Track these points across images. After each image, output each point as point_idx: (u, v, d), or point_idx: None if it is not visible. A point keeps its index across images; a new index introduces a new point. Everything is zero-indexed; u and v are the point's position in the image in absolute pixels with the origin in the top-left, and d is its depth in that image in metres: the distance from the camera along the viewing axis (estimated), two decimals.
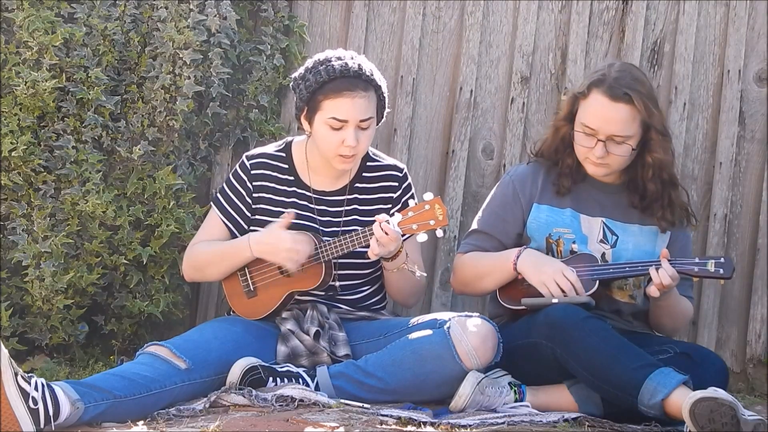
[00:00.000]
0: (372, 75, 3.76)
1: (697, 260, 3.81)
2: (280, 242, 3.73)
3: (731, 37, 4.69)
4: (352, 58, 3.76)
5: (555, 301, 3.76)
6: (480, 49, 4.61)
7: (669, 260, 3.79)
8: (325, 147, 3.76)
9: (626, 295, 3.96)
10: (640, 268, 3.83)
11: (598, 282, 3.82)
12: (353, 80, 3.72)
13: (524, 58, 4.62)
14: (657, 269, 3.77)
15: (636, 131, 3.85)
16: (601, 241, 3.95)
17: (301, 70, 3.81)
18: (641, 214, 3.97)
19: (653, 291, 3.78)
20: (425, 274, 3.86)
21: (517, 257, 3.86)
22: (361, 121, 3.73)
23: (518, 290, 3.88)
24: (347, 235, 3.74)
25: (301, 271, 3.77)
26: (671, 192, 3.95)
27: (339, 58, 3.75)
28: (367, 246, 3.70)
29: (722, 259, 3.80)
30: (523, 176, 4.00)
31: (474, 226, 4.04)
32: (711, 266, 3.79)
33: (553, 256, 3.93)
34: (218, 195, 3.92)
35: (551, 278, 3.79)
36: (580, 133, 3.87)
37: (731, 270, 3.79)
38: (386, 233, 3.63)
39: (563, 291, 3.77)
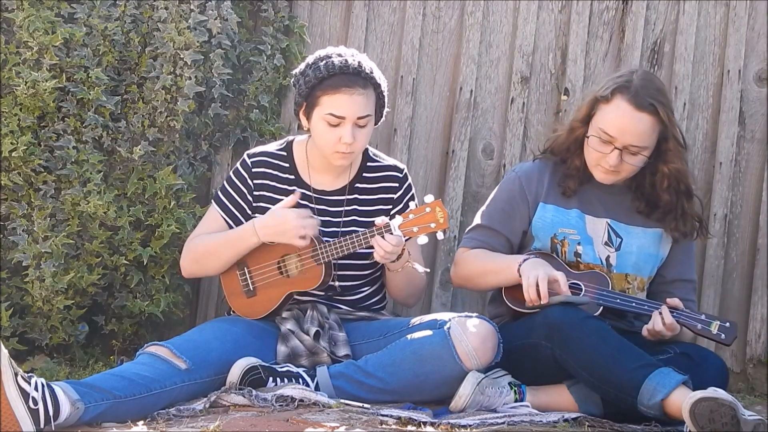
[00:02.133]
0: (371, 73, 3.77)
1: (703, 317, 3.78)
2: (285, 221, 3.71)
3: (731, 37, 4.69)
4: (353, 56, 3.77)
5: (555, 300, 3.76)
6: (480, 49, 4.61)
7: (675, 311, 3.77)
8: (323, 143, 3.77)
9: (642, 285, 3.95)
10: (646, 308, 3.81)
11: (601, 308, 3.81)
12: (352, 77, 3.72)
13: (524, 58, 4.62)
14: (659, 314, 3.75)
15: (652, 142, 3.83)
16: (606, 243, 3.95)
17: (302, 65, 3.82)
18: (646, 218, 3.96)
19: (645, 333, 3.77)
20: (428, 270, 3.86)
21: (524, 261, 3.84)
22: (359, 118, 3.73)
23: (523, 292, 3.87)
24: (347, 237, 3.74)
25: (300, 271, 3.78)
26: (685, 202, 3.93)
27: (339, 55, 3.76)
28: (368, 247, 3.71)
29: (727, 324, 3.76)
30: (530, 173, 3.99)
31: (478, 220, 4.03)
32: (714, 328, 3.76)
33: (558, 256, 3.93)
34: (219, 192, 3.92)
35: (535, 280, 3.73)
36: (596, 138, 3.84)
37: (733, 338, 3.76)
38: (389, 242, 3.63)
39: (539, 296, 3.72)
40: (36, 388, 3.25)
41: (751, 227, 4.72)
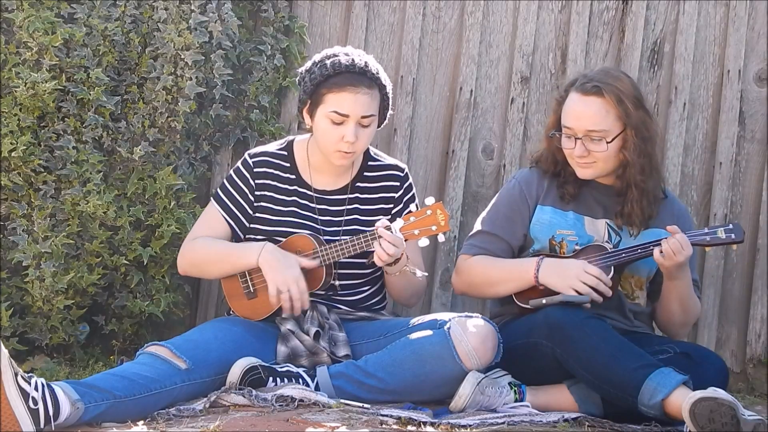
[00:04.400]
0: (378, 74, 3.78)
1: (706, 230, 3.84)
2: (287, 270, 3.71)
3: (731, 37, 4.70)
4: (360, 56, 3.78)
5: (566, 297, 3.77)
6: (480, 49, 4.61)
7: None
8: (325, 141, 3.77)
9: (641, 284, 3.95)
10: (651, 247, 3.82)
11: (613, 268, 3.83)
12: (358, 76, 3.73)
13: (524, 58, 4.62)
14: (667, 239, 3.79)
15: (611, 126, 3.84)
16: (606, 241, 3.95)
17: (308, 63, 3.83)
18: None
19: (657, 256, 3.77)
20: (426, 274, 3.86)
21: (538, 269, 3.84)
22: (363, 117, 3.74)
23: (534, 290, 3.87)
24: (348, 239, 3.74)
25: (302, 273, 3.77)
26: (630, 193, 3.90)
27: (346, 54, 3.77)
28: (369, 249, 3.71)
29: (731, 225, 3.83)
30: (529, 178, 4.00)
31: (478, 227, 4.02)
32: (722, 233, 3.82)
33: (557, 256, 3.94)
34: (219, 191, 3.92)
35: (576, 279, 3.78)
36: (563, 136, 3.88)
37: (742, 233, 3.82)
38: (390, 242, 3.64)
39: (591, 287, 3.76)
40: (36, 388, 3.25)
41: (751, 227, 4.72)
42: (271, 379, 3.60)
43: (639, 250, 3.85)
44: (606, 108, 3.84)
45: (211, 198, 3.95)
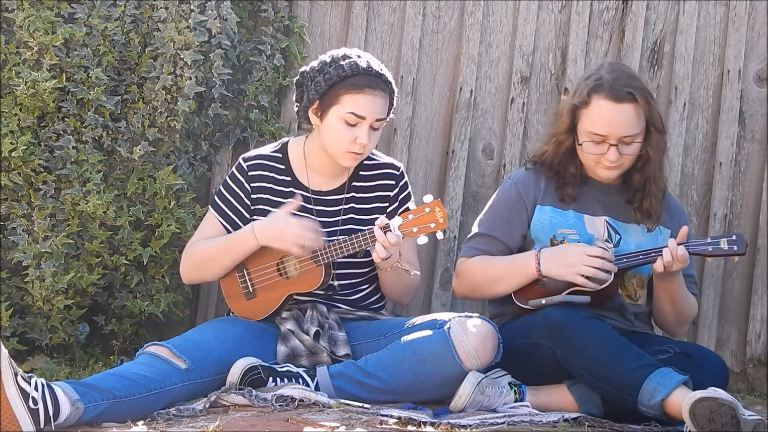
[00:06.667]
0: (389, 78, 3.79)
1: (709, 240, 3.82)
2: (286, 227, 3.72)
3: (731, 37, 4.70)
4: (371, 58, 3.79)
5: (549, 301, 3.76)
6: (480, 49, 4.61)
7: (682, 243, 3.79)
8: (336, 142, 3.76)
9: (642, 283, 3.95)
10: (653, 254, 3.82)
11: (613, 274, 3.82)
12: (375, 79, 3.74)
13: (524, 58, 4.62)
14: (667, 249, 3.77)
15: (642, 127, 3.85)
16: (606, 240, 3.95)
17: (316, 63, 3.80)
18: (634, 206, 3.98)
19: (659, 267, 3.77)
20: (418, 273, 3.86)
21: (539, 262, 3.84)
22: (376, 120, 3.75)
23: (534, 290, 3.87)
24: (347, 238, 3.74)
25: (300, 272, 3.78)
26: (650, 187, 3.93)
27: (359, 56, 3.78)
28: (367, 248, 3.71)
29: (734, 236, 3.81)
30: (526, 179, 3.99)
31: (476, 229, 4.01)
32: (724, 244, 3.80)
33: None
34: (216, 198, 3.92)
35: (580, 264, 3.77)
36: (589, 142, 3.85)
37: (744, 245, 3.80)
38: (389, 239, 3.64)
39: (597, 268, 3.75)
40: (36, 388, 3.25)
41: (751, 227, 4.72)
42: (271, 379, 3.60)
43: (641, 257, 3.84)
44: (638, 112, 3.83)
45: (209, 205, 3.95)
